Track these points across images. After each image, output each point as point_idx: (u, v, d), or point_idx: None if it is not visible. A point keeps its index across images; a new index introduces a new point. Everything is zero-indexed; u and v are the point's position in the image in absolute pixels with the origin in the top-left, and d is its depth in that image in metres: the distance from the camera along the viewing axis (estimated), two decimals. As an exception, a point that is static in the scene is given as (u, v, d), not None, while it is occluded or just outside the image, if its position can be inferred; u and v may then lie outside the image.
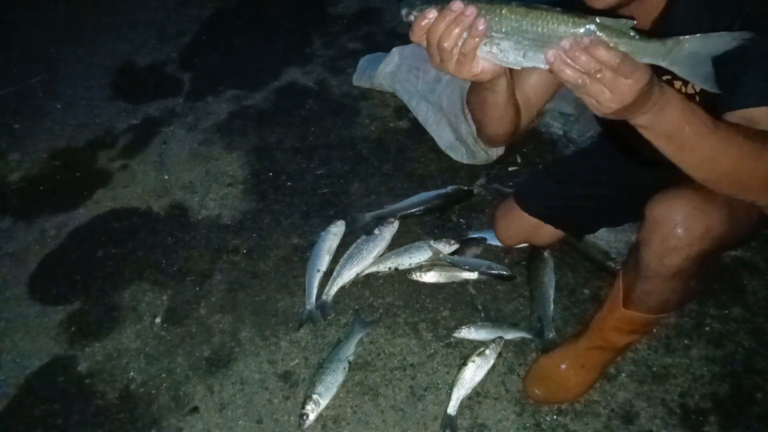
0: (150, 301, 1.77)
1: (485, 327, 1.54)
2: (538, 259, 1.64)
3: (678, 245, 1.03)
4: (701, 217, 1.00)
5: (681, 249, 1.03)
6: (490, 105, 1.11)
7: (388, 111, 2.34)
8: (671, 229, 1.02)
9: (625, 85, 0.74)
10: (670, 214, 1.03)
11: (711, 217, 1.01)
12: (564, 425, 1.37)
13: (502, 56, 0.82)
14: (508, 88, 1.05)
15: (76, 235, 2.01)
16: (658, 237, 1.05)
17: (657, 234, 1.05)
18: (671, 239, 1.03)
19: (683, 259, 1.05)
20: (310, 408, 1.41)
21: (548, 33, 0.76)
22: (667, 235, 1.03)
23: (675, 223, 1.02)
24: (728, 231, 1.03)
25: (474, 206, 1.91)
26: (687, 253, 1.04)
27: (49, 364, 1.65)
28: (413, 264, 1.72)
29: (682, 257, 1.05)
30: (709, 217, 1.01)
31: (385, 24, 2.88)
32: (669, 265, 1.07)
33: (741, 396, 1.38)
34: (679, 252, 1.04)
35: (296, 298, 1.71)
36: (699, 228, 1.01)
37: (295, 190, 2.05)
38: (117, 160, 2.30)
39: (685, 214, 1.01)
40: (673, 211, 1.02)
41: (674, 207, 1.02)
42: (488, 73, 0.88)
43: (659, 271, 1.10)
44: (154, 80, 2.73)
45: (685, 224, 1.01)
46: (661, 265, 1.08)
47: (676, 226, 1.02)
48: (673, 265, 1.07)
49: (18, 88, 2.75)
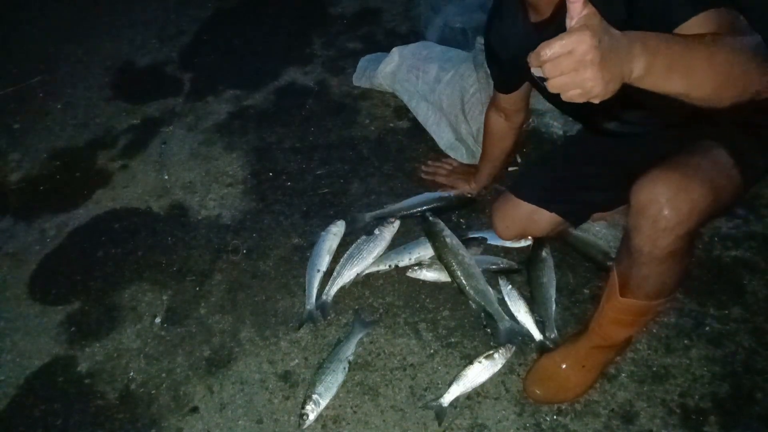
0: (150, 301, 1.77)
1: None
2: (538, 259, 1.64)
3: (668, 226, 1.04)
4: (685, 196, 1.02)
5: (671, 229, 1.05)
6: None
7: (388, 111, 2.34)
8: (658, 212, 1.04)
9: (579, 52, 0.73)
10: (654, 197, 1.04)
11: (694, 193, 1.03)
12: (564, 425, 1.37)
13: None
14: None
15: (76, 235, 2.01)
16: (648, 221, 1.06)
17: (645, 218, 1.06)
18: (660, 221, 1.04)
19: (675, 238, 1.06)
20: (310, 408, 1.41)
21: None
22: (655, 217, 1.05)
23: (661, 205, 1.03)
24: (713, 202, 1.05)
25: (474, 206, 1.91)
26: (678, 232, 1.05)
27: (49, 364, 1.65)
28: (413, 260, 1.72)
29: (673, 237, 1.06)
30: (692, 194, 1.03)
31: (385, 24, 2.88)
32: (662, 247, 1.08)
33: (741, 396, 1.38)
34: (670, 232, 1.05)
35: (296, 298, 1.71)
36: (685, 206, 1.03)
37: (295, 190, 2.05)
38: (117, 160, 2.30)
39: (669, 195, 1.03)
40: (657, 194, 1.04)
41: (657, 190, 1.04)
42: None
43: (654, 254, 1.11)
44: (154, 80, 2.73)
45: (671, 204, 1.03)
46: (654, 248, 1.09)
47: (662, 208, 1.03)
48: (667, 246, 1.08)
49: (18, 88, 2.76)
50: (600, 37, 0.74)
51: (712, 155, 1.10)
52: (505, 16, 1.36)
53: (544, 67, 0.75)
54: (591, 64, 0.73)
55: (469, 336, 1.56)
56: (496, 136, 1.74)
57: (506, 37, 1.38)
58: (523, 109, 1.67)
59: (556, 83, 0.76)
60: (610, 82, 0.76)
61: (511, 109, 1.64)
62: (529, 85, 1.55)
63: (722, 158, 1.09)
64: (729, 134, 1.13)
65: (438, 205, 1.87)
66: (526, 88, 1.57)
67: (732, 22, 0.93)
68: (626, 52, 0.78)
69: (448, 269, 1.63)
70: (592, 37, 0.73)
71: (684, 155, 1.10)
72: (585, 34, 0.73)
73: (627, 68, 0.78)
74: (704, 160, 1.09)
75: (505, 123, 1.69)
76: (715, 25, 0.92)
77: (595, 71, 0.74)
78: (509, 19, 1.34)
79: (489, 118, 1.72)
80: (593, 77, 0.74)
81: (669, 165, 1.07)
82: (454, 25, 2.40)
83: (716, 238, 1.70)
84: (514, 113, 1.65)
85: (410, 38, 2.60)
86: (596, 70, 0.74)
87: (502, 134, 1.73)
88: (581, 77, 0.74)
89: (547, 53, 0.74)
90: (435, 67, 2.12)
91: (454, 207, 1.89)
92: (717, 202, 1.06)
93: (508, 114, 1.66)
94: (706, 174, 1.05)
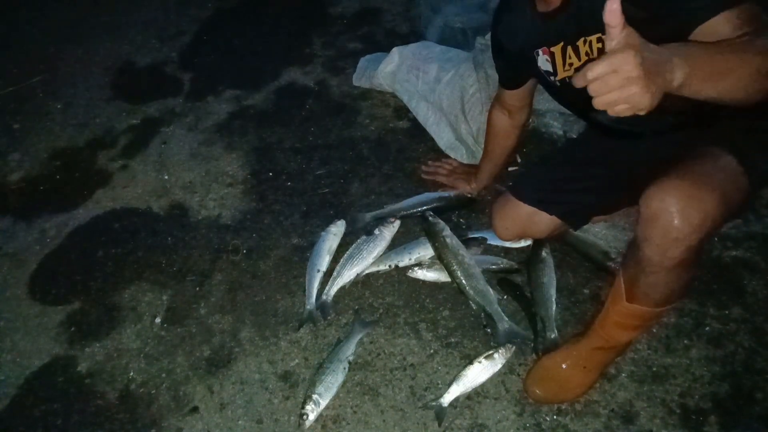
0: (150, 301, 1.77)
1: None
2: (538, 260, 1.64)
3: (679, 236, 1.03)
4: (697, 206, 1.02)
5: (682, 240, 1.04)
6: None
7: (388, 111, 2.34)
8: (669, 222, 1.03)
9: (625, 70, 0.77)
10: (665, 206, 1.03)
11: (706, 203, 1.02)
12: (564, 425, 1.37)
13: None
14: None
15: (76, 235, 2.01)
16: (658, 231, 1.05)
17: (656, 229, 1.05)
18: (671, 232, 1.03)
19: (686, 248, 1.05)
20: (310, 408, 1.41)
21: None
22: (666, 228, 1.04)
23: (672, 216, 1.02)
24: (724, 211, 1.04)
25: (474, 206, 1.91)
26: (688, 243, 1.04)
27: (49, 364, 1.65)
28: (413, 260, 1.72)
29: (684, 247, 1.05)
30: (704, 203, 1.02)
31: (385, 24, 2.88)
32: (672, 257, 1.07)
33: (741, 396, 1.38)
34: (681, 242, 1.04)
35: (296, 298, 1.71)
36: (697, 216, 1.02)
37: (295, 190, 2.05)
38: (117, 160, 2.30)
39: (681, 205, 1.02)
40: (668, 204, 1.03)
41: (669, 200, 1.03)
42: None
43: (663, 264, 1.10)
44: (154, 80, 2.73)
45: (683, 215, 1.02)
46: (664, 259, 1.08)
47: (673, 219, 1.02)
48: (677, 256, 1.07)
49: (18, 88, 2.76)
50: (642, 55, 0.78)
51: (721, 163, 1.08)
52: (514, 8, 1.37)
53: (592, 85, 0.79)
54: (637, 80, 0.78)
55: (469, 336, 1.56)
56: (498, 135, 1.74)
57: (515, 28, 1.38)
58: (527, 107, 1.67)
59: (604, 100, 0.80)
60: (655, 95, 0.80)
61: (516, 105, 1.64)
62: (534, 81, 1.55)
63: (731, 166, 1.08)
64: (733, 139, 1.12)
65: (438, 205, 1.86)
66: (531, 85, 1.57)
67: (756, 19, 0.95)
68: (667, 64, 0.82)
69: (448, 269, 1.62)
70: (635, 56, 0.77)
71: (692, 163, 1.09)
72: (629, 53, 0.77)
73: (669, 79, 0.82)
74: (713, 168, 1.07)
75: (508, 121, 1.69)
76: (739, 22, 0.95)
77: (641, 86, 0.78)
78: (518, 10, 1.35)
79: (492, 115, 1.72)
80: (640, 92, 0.78)
81: (678, 174, 1.05)
82: (454, 25, 2.40)
83: (716, 238, 1.69)
84: (518, 110, 1.65)
85: (410, 38, 2.60)
86: (642, 85, 0.78)
87: (505, 132, 1.72)
88: (628, 93, 0.78)
89: (594, 73, 0.78)
90: (435, 67, 2.12)
91: (454, 207, 1.89)
92: (727, 211, 1.05)
93: (512, 111, 1.66)
94: (717, 183, 1.04)
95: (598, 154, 1.52)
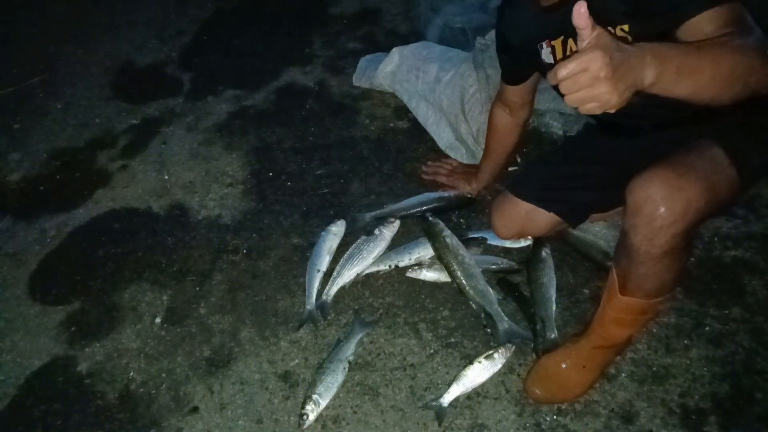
0: (150, 301, 1.77)
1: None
2: (538, 259, 1.64)
3: (663, 224, 1.06)
4: (679, 194, 1.04)
5: (667, 227, 1.06)
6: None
7: (388, 111, 2.34)
8: (654, 210, 1.05)
9: (594, 69, 0.79)
10: (649, 195, 1.05)
11: (689, 191, 1.04)
12: (564, 425, 1.37)
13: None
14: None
15: (76, 235, 2.01)
16: (643, 220, 1.07)
17: (641, 217, 1.08)
18: (656, 220, 1.06)
19: (672, 236, 1.07)
20: (310, 408, 1.41)
21: None
22: (651, 216, 1.06)
23: (656, 204, 1.05)
24: (709, 201, 1.06)
25: (474, 206, 1.91)
26: (674, 230, 1.06)
27: (49, 364, 1.65)
28: (413, 260, 1.72)
29: (669, 235, 1.07)
30: (687, 192, 1.04)
31: (385, 24, 2.88)
32: (659, 245, 1.09)
33: (741, 396, 1.38)
34: (666, 230, 1.06)
35: (296, 298, 1.71)
36: (680, 204, 1.04)
37: (295, 190, 2.05)
38: (117, 160, 2.30)
39: (664, 193, 1.04)
40: (651, 192, 1.05)
41: (652, 188, 1.05)
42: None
43: (651, 253, 1.12)
44: (154, 80, 2.73)
45: (666, 202, 1.04)
46: (652, 247, 1.10)
47: (658, 206, 1.05)
48: (664, 244, 1.09)
49: (18, 88, 2.76)
50: (611, 54, 0.80)
51: (708, 154, 1.10)
52: (518, 2, 1.39)
53: (562, 84, 0.82)
54: (605, 79, 0.80)
55: (469, 336, 1.56)
56: (500, 132, 1.74)
57: (517, 23, 1.40)
58: (529, 104, 1.67)
59: (574, 98, 0.82)
60: (624, 92, 0.82)
61: (518, 102, 1.64)
62: (536, 78, 1.57)
63: (718, 157, 1.10)
64: (726, 133, 1.13)
65: (438, 205, 1.86)
66: (534, 81, 1.58)
67: (739, 19, 0.96)
68: (638, 62, 0.84)
69: (448, 269, 1.62)
70: (603, 55, 0.79)
71: (679, 154, 1.11)
72: (597, 52, 0.79)
73: (639, 77, 0.84)
74: (699, 158, 1.10)
75: (510, 118, 1.69)
76: (722, 21, 0.96)
77: (609, 85, 0.80)
78: (520, 5, 1.37)
79: (494, 113, 1.72)
80: (608, 90, 0.80)
81: (663, 163, 1.08)
82: (454, 25, 2.40)
83: (716, 238, 1.70)
84: (520, 107, 1.66)
85: (410, 38, 2.60)
86: (610, 83, 0.80)
87: (506, 130, 1.73)
88: (597, 91, 0.81)
89: (564, 72, 0.81)
90: (435, 67, 2.12)
91: (454, 207, 1.89)
92: (713, 201, 1.06)
93: (514, 108, 1.66)
94: (701, 172, 1.06)
95: (596, 152, 1.53)
